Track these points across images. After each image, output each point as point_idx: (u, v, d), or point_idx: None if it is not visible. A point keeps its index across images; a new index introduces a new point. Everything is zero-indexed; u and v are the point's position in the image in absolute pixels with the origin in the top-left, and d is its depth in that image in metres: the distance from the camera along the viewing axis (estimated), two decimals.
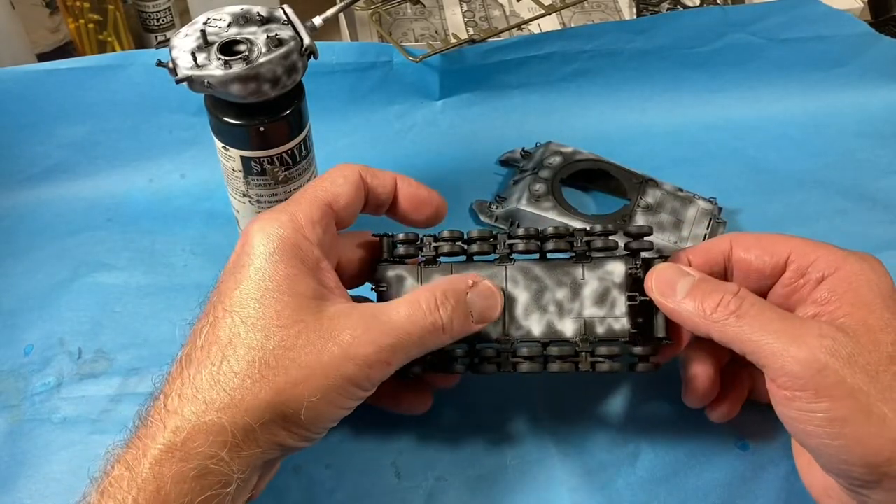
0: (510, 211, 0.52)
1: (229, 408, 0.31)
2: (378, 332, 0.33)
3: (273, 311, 0.33)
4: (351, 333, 0.33)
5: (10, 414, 0.43)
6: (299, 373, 0.32)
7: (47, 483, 0.40)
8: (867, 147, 0.59)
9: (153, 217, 0.53)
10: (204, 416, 0.31)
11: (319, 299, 0.34)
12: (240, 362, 0.32)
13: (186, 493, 0.30)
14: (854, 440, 0.31)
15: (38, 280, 0.49)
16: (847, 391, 0.31)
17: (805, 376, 0.31)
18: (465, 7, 0.70)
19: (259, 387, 0.31)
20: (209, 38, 0.39)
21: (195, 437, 0.31)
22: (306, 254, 0.34)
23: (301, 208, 0.36)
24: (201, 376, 0.32)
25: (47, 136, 0.54)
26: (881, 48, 0.61)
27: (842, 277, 0.34)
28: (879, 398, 0.31)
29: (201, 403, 0.31)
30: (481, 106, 0.60)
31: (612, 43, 0.60)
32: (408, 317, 0.34)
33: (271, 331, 0.32)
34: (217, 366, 0.32)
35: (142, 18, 0.64)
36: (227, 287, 0.34)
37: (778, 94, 0.62)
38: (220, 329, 0.33)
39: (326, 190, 0.37)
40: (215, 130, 0.42)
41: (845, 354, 0.31)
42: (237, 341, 0.32)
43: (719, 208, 0.53)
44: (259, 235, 0.34)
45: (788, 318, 0.33)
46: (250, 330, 0.32)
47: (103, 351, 0.45)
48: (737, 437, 0.42)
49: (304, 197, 0.36)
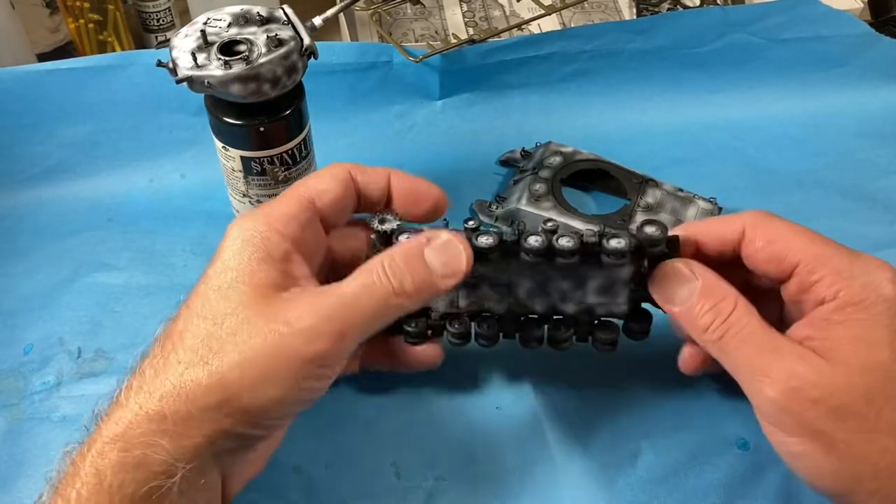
0: (510, 211, 0.52)
1: (170, 395, 0.30)
2: (326, 305, 0.32)
3: (225, 301, 0.32)
4: (298, 310, 0.32)
5: (10, 413, 0.43)
6: (242, 355, 0.31)
7: (46, 482, 0.40)
8: (867, 147, 0.59)
9: (153, 217, 0.53)
10: (146, 406, 0.31)
11: (278, 288, 0.33)
12: (186, 351, 0.31)
13: (128, 483, 0.29)
14: (813, 473, 0.33)
15: (39, 280, 0.49)
16: (808, 431, 0.32)
17: (770, 413, 0.33)
18: (465, 7, 0.70)
19: (199, 371, 0.31)
20: (209, 39, 0.39)
21: (136, 425, 0.30)
22: (274, 246, 0.34)
23: (279, 204, 0.36)
24: (151, 368, 0.32)
25: (47, 136, 0.54)
26: (881, 48, 0.61)
27: (837, 307, 0.34)
28: (843, 437, 0.32)
29: (145, 393, 0.31)
30: (481, 106, 0.60)
31: (612, 43, 0.60)
32: (359, 285, 0.33)
33: (219, 318, 0.32)
34: (165, 357, 0.32)
35: (142, 18, 0.64)
36: (197, 283, 0.34)
37: (778, 94, 0.62)
38: (177, 322, 0.33)
39: (309, 187, 0.37)
40: (215, 130, 0.42)
41: (813, 397, 0.32)
42: (187, 332, 0.32)
43: (719, 208, 0.53)
44: (233, 231, 0.35)
45: (765, 351, 0.34)
46: (200, 320, 0.32)
47: (103, 350, 0.45)
48: (737, 437, 0.42)
49: (285, 194, 0.36)
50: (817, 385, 0.32)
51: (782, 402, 0.32)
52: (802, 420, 0.32)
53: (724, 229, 0.38)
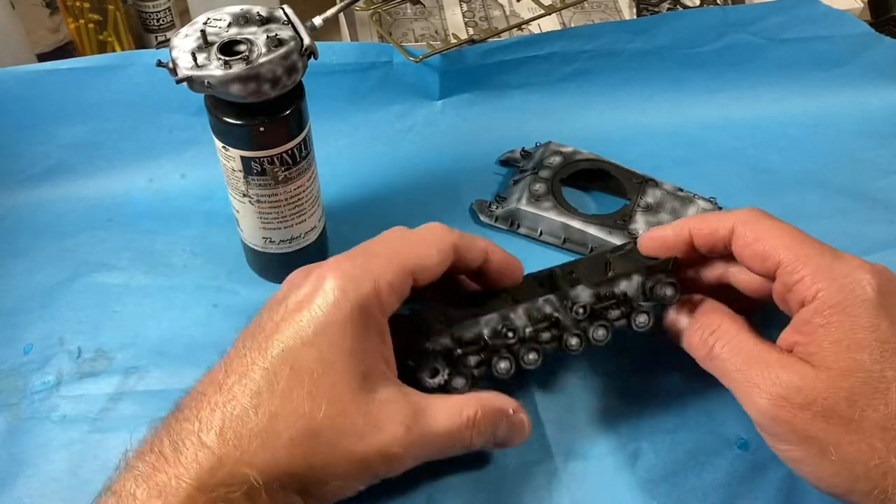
0: (510, 211, 0.52)
1: (266, 467, 0.31)
2: (417, 436, 0.34)
3: (330, 382, 0.32)
4: (393, 433, 0.33)
5: (10, 412, 0.43)
6: (335, 457, 0.32)
7: (46, 482, 0.40)
8: (867, 147, 0.59)
9: (153, 217, 0.53)
10: (239, 466, 0.31)
11: (376, 378, 0.34)
12: (287, 426, 0.32)
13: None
14: (813, 478, 0.34)
15: (39, 280, 0.49)
16: (800, 437, 0.33)
17: (763, 423, 0.34)
18: (465, 7, 0.70)
19: (296, 457, 0.32)
20: (209, 39, 0.39)
21: (227, 483, 0.30)
22: (377, 325, 0.34)
23: (387, 275, 0.35)
24: (245, 425, 0.31)
25: (47, 136, 0.54)
26: (881, 48, 0.61)
27: (817, 310, 0.34)
28: (834, 441, 0.32)
29: (240, 453, 0.31)
30: (481, 106, 0.60)
31: (612, 43, 0.60)
32: (447, 428, 0.35)
33: (322, 402, 0.32)
34: (265, 420, 0.32)
35: (142, 18, 0.64)
36: (290, 329, 0.33)
37: (778, 94, 0.62)
38: (275, 377, 0.32)
39: (417, 262, 0.36)
40: (215, 130, 0.42)
41: (799, 403, 0.33)
42: (289, 403, 0.32)
43: (719, 208, 0.53)
44: (338, 289, 0.34)
45: (752, 362, 0.35)
46: (305, 395, 0.32)
47: (103, 350, 0.45)
48: (737, 437, 0.42)
49: (392, 262, 0.35)
50: (801, 391, 0.33)
51: (772, 411, 0.33)
52: (793, 427, 0.33)
53: (717, 225, 0.38)
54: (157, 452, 0.31)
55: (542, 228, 0.52)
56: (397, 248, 0.36)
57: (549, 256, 0.51)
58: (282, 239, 0.46)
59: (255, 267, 0.49)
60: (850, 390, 0.33)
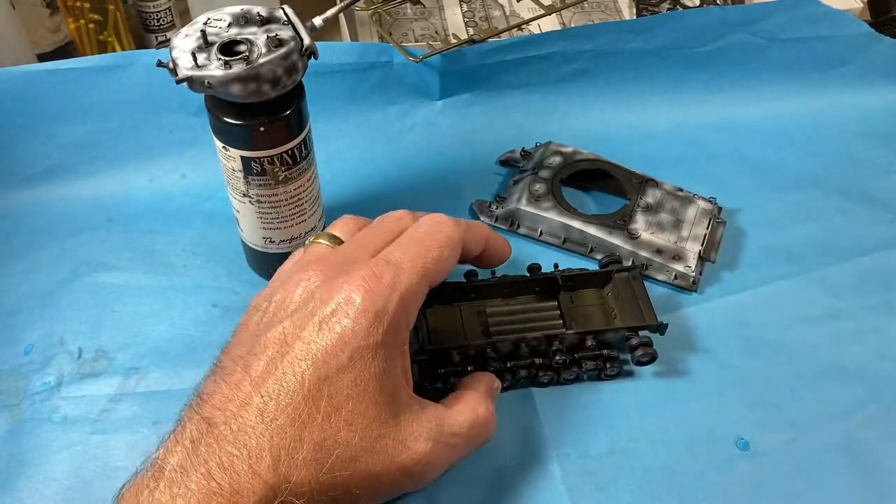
0: (510, 211, 0.52)
1: (312, 495, 0.31)
2: (442, 447, 0.35)
3: (364, 407, 0.32)
4: (422, 450, 0.34)
5: (10, 413, 0.43)
6: (369, 479, 0.33)
7: (47, 482, 0.40)
8: (867, 147, 0.59)
9: (153, 217, 0.53)
10: (290, 497, 0.30)
11: (401, 396, 0.34)
12: (328, 454, 0.32)
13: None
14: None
15: (39, 280, 0.49)
16: None
17: None
18: (465, 7, 0.70)
19: (336, 480, 0.32)
20: (209, 39, 0.39)
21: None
22: (402, 340, 0.34)
23: (411, 285, 0.34)
24: (294, 456, 0.31)
25: (47, 137, 0.54)
26: (881, 48, 0.61)
27: None
28: None
29: (291, 484, 0.31)
30: (481, 106, 0.60)
31: (612, 43, 0.60)
32: (468, 430, 0.36)
33: (358, 428, 0.32)
34: (311, 451, 0.31)
35: (142, 18, 0.64)
36: (321, 351, 0.32)
37: (778, 93, 0.62)
38: (315, 404, 0.32)
39: (435, 267, 0.36)
40: (215, 130, 0.42)
41: None
42: (329, 430, 0.32)
43: (719, 208, 0.53)
44: (369, 311, 0.33)
45: None
46: (342, 423, 0.32)
47: (103, 350, 0.45)
48: (737, 437, 0.42)
49: (415, 269, 0.35)
50: None
51: None
52: None
53: None
54: (207, 475, 0.30)
55: (542, 228, 0.52)
56: (413, 252, 0.35)
57: (549, 256, 0.51)
58: (282, 239, 0.46)
59: (255, 267, 0.49)
60: None
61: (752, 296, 0.49)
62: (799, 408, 0.43)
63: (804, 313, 0.48)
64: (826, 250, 0.52)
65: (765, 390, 0.44)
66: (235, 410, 0.31)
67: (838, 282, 0.50)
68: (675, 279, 0.49)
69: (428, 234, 0.37)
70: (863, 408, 0.43)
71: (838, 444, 0.42)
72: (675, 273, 0.49)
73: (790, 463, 0.41)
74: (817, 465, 0.41)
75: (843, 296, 0.49)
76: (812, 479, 0.40)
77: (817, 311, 0.48)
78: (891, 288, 0.49)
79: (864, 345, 0.46)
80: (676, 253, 0.49)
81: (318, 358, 0.32)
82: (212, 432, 0.31)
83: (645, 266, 0.50)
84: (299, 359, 0.32)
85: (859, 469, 0.41)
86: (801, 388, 0.44)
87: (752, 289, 0.49)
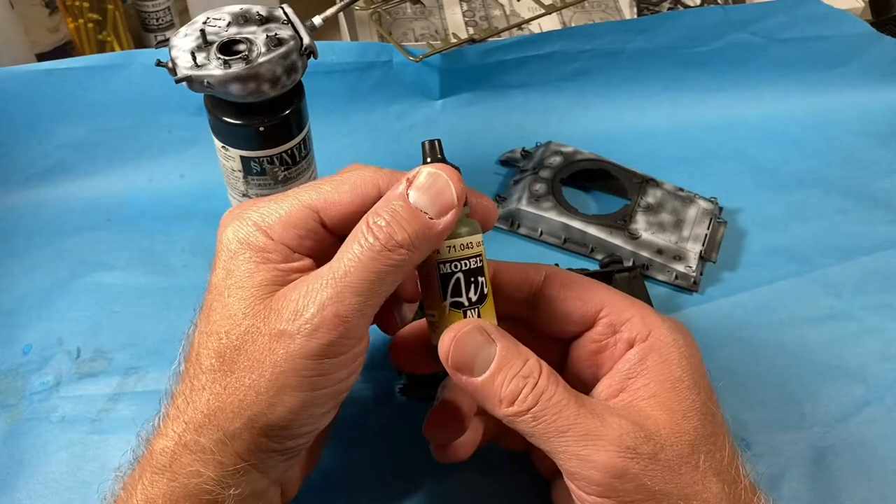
0: (510, 211, 0.52)
1: (203, 426, 0.30)
2: (317, 288, 0.29)
3: (227, 311, 0.30)
4: (294, 303, 0.29)
5: (9, 413, 0.42)
6: (253, 374, 0.29)
7: (46, 483, 0.40)
8: (867, 147, 0.59)
9: (153, 217, 0.53)
10: (185, 436, 0.30)
11: (279, 285, 0.30)
12: (205, 374, 0.30)
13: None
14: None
15: (37, 280, 0.49)
16: (649, 494, 0.29)
17: (605, 483, 0.29)
18: (465, 7, 0.69)
19: (222, 399, 0.30)
20: (209, 38, 0.39)
21: (180, 456, 0.30)
22: (272, 252, 0.31)
23: (274, 206, 0.32)
24: (181, 396, 0.31)
25: (46, 136, 0.54)
26: (882, 48, 0.61)
27: (653, 347, 0.32)
28: (681, 494, 0.29)
29: (182, 424, 0.30)
30: (481, 106, 0.60)
31: (612, 43, 0.59)
32: (347, 255, 0.29)
33: (223, 333, 0.30)
34: (191, 382, 0.30)
35: (141, 18, 0.64)
36: (205, 294, 0.32)
37: (778, 93, 0.62)
38: (193, 342, 0.31)
39: (319, 196, 0.32)
40: (215, 130, 0.42)
41: (647, 453, 0.29)
42: (202, 353, 0.30)
43: (720, 208, 0.53)
44: (227, 233, 0.32)
45: (587, 415, 0.30)
46: (210, 337, 0.30)
47: (102, 350, 0.45)
48: (737, 437, 0.42)
49: (287, 196, 0.32)
50: (650, 438, 0.29)
51: (619, 466, 0.29)
52: (641, 482, 0.29)
53: (526, 271, 0.35)
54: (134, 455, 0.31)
55: (543, 228, 0.52)
56: (303, 186, 0.33)
57: (550, 257, 0.51)
58: None
59: None
60: (693, 434, 0.30)
61: (753, 296, 0.49)
62: (799, 408, 0.43)
63: (805, 313, 0.48)
64: (826, 250, 0.52)
65: (765, 390, 0.44)
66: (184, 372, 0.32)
67: (839, 282, 0.50)
68: (675, 279, 0.49)
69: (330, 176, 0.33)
70: (863, 408, 0.43)
71: (838, 445, 0.42)
72: (676, 273, 0.49)
73: (790, 463, 0.41)
74: (817, 466, 0.41)
75: (843, 296, 0.49)
76: (812, 479, 0.40)
77: (818, 311, 0.48)
78: (891, 288, 0.49)
79: (864, 345, 0.46)
80: (677, 253, 0.49)
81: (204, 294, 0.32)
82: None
83: (646, 266, 0.49)
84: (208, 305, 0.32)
85: (860, 469, 0.41)
86: (801, 388, 0.44)
87: (752, 289, 0.49)
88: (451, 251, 0.31)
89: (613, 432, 0.29)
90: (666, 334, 0.32)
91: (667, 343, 0.32)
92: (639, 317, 0.33)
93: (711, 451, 0.30)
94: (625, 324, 0.33)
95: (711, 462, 0.30)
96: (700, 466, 0.30)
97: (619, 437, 0.29)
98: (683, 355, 0.32)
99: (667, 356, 0.32)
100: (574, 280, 0.34)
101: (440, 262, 0.31)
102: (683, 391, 0.31)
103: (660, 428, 0.30)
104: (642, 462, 0.29)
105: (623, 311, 0.33)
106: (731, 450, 0.31)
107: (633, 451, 0.29)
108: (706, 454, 0.30)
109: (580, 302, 0.34)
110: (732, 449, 0.31)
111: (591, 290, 0.34)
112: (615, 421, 0.30)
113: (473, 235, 0.32)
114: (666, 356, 0.32)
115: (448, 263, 0.31)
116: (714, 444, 0.31)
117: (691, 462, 0.30)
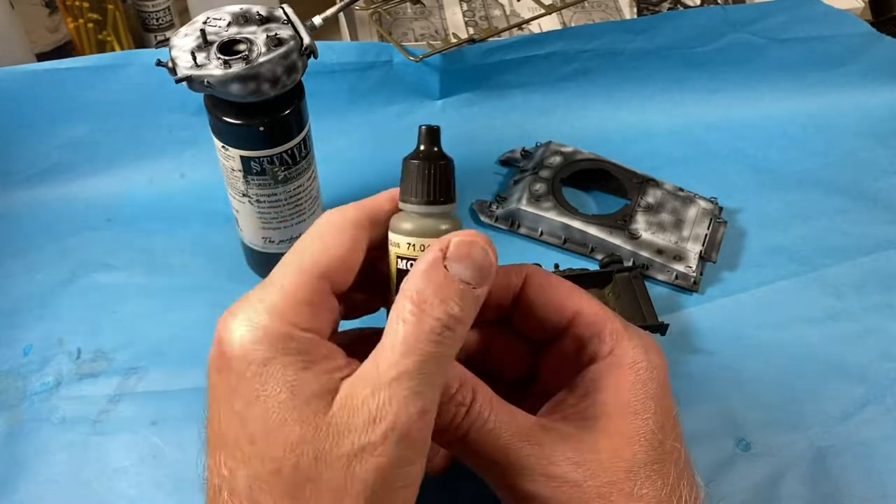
0: (510, 211, 0.52)
1: None
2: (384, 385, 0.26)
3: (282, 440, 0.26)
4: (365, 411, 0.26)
5: (10, 414, 0.42)
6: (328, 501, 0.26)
7: (46, 484, 0.40)
8: (867, 147, 0.59)
9: (153, 217, 0.53)
10: None
11: (330, 391, 0.26)
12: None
13: None
14: None
15: (38, 280, 0.49)
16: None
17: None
18: (465, 7, 0.69)
19: None
20: (209, 38, 0.39)
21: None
22: (301, 343, 0.27)
23: (284, 292, 0.28)
24: None
25: (46, 136, 0.54)
26: (882, 48, 0.61)
27: (611, 366, 0.31)
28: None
29: None
30: (481, 106, 0.60)
31: (612, 43, 0.59)
32: (405, 344, 0.26)
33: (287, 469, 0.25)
34: None
35: (141, 18, 0.64)
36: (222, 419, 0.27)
37: (778, 93, 0.62)
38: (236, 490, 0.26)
39: (316, 261, 0.29)
40: (215, 130, 0.42)
41: (574, 480, 0.28)
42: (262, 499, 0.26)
43: (720, 208, 0.53)
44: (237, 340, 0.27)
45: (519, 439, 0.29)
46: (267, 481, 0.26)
47: (102, 351, 0.45)
48: (737, 438, 0.42)
49: (287, 273, 0.29)
50: (579, 465, 0.29)
51: (545, 494, 0.28)
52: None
53: (511, 273, 0.33)
54: None
55: (543, 228, 0.52)
56: (287, 259, 0.29)
57: (550, 257, 0.51)
58: (282, 239, 0.46)
59: (255, 267, 0.49)
60: (631, 460, 0.29)
61: (753, 296, 0.49)
62: (799, 408, 0.43)
63: (805, 313, 0.48)
64: (827, 250, 0.52)
65: (765, 390, 0.44)
66: None
67: (839, 282, 0.50)
68: (675, 279, 0.49)
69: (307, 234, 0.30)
70: (863, 408, 0.43)
71: (839, 445, 0.42)
72: (676, 273, 0.49)
73: (790, 463, 0.41)
74: (817, 466, 0.41)
75: (843, 296, 0.49)
76: (812, 479, 0.40)
77: (818, 311, 0.48)
78: (891, 288, 0.49)
79: (864, 345, 0.46)
80: (677, 253, 0.49)
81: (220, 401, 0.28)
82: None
83: (646, 266, 0.49)
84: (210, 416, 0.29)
85: (860, 469, 0.41)
86: (801, 388, 0.44)
87: (752, 289, 0.49)
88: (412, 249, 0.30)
89: (544, 458, 0.29)
90: (627, 354, 0.31)
91: (625, 363, 0.31)
92: (607, 331, 0.32)
93: (651, 478, 0.29)
94: (592, 337, 0.32)
95: (651, 489, 0.29)
96: (634, 494, 0.29)
97: (547, 465, 0.29)
98: (640, 378, 0.30)
99: (621, 378, 0.31)
100: (551, 285, 0.33)
101: (400, 257, 0.30)
102: (629, 416, 0.30)
103: (598, 452, 0.29)
104: (568, 490, 0.28)
105: (593, 324, 0.32)
106: (676, 478, 0.30)
107: (559, 479, 0.29)
108: (644, 481, 0.29)
109: (553, 310, 0.33)
110: (680, 476, 0.30)
111: (566, 297, 0.33)
112: (549, 445, 0.29)
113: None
114: (620, 378, 0.31)
115: (407, 260, 0.30)
116: (657, 471, 0.29)
117: (625, 489, 0.29)
